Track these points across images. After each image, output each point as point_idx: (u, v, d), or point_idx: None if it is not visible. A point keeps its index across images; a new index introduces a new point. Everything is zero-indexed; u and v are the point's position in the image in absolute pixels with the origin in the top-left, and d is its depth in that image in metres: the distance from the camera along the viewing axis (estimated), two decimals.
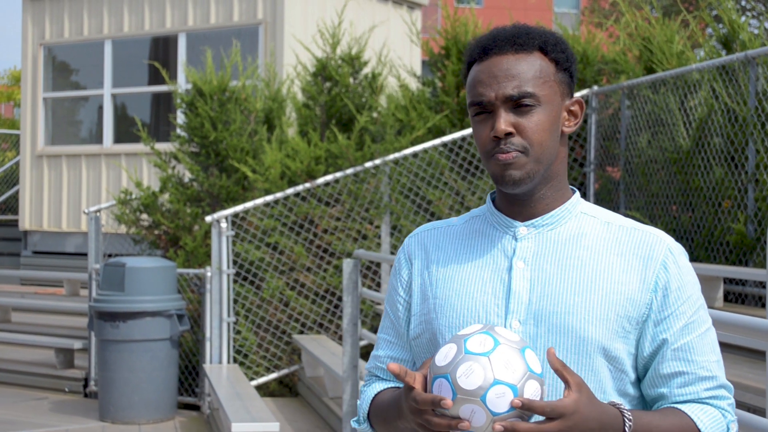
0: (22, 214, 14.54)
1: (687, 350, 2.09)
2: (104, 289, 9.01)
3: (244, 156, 10.17)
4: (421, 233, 2.27)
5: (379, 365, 2.28)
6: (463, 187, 9.72)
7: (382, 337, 2.29)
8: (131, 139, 13.47)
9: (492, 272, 2.12)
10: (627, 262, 2.09)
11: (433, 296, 2.16)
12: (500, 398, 1.83)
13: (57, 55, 14.59)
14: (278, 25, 12.43)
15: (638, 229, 2.14)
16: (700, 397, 2.11)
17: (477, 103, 2.08)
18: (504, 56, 2.08)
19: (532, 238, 2.13)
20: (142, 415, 8.92)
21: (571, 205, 2.15)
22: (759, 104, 7.53)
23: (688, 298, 2.10)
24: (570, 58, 2.15)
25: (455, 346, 1.89)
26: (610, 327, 2.05)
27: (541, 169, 2.08)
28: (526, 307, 2.07)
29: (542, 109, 2.06)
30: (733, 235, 7.71)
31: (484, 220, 2.21)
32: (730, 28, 8.76)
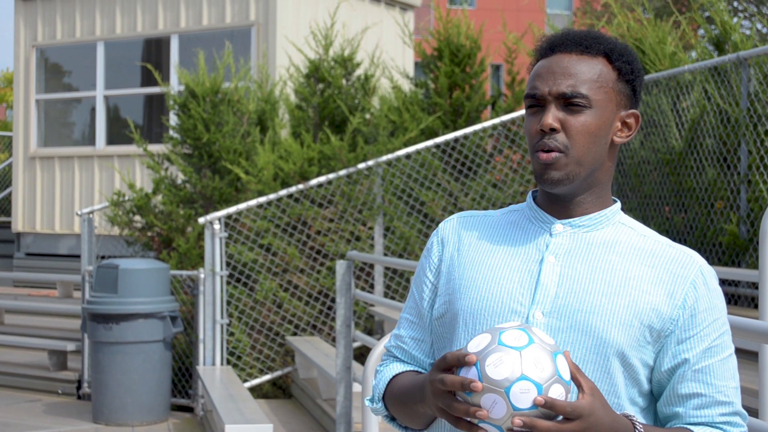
0: (15, 216, 14.52)
1: (707, 373, 2.09)
2: (97, 291, 9.00)
3: (236, 157, 10.17)
4: (457, 218, 2.28)
5: (400, 345, 2.28)
6: (456, 188, 9.73)
7: (405, 317, 2.29)
8: (124, 140, 13.46)
9: (522, 262, 2.14)
10: (657, 275, 2.10)
11: (459, 277, 2.17)
12: (524, 394, 1.83)
13: (49, 56, 14.58)
14: (270, 26, 12.43)
15: (673, 246, 2.15)
16: (714, 422, 2.11)
17: (531, 95, 2.11)
18: (567, 55, 2.11)
19: (567, 236, 2.14)
20: (135, 417, 8.92)
21: (610, 212, 2.17)
22: (751, 105, 7.54)
23: (714, 321, 2.10)
24: (636, 71, 2.15)
25: (490, 336, 1.90)
26: (631, 334, 2.05)
27: (583, 172, 2.09)
28: (552, 300, 2.08)
29: (592, 112, 2.08)
30: (725, 236, 7.72)
31: (522, 214, 2.23)
32: (722, 30, 8.78)
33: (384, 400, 2.23)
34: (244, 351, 9.44)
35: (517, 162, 9.98)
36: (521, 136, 9.93)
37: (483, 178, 9.85)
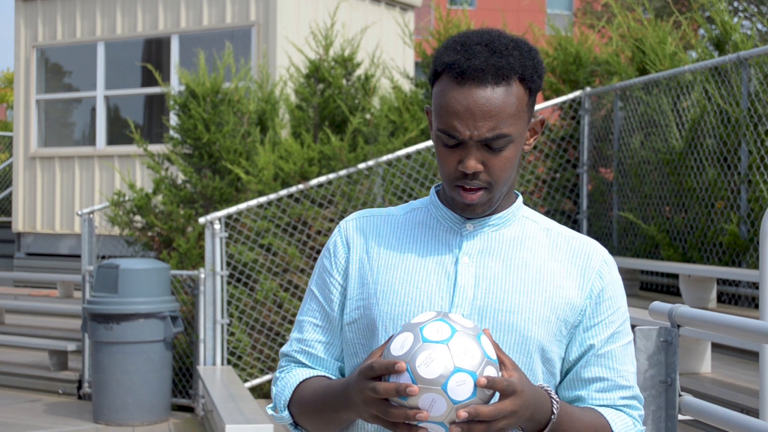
0: (16, 216, 14.52)
1: (610, 358, 2.14)
2: (98, 291, 9.00)
3: (237, 157, 10.17)
4: (359, 218, 2.24)
5: (305, 349, 2.21)
6: None
7: (307, 320, 2.22)
8: (124, 140, 13.46)
9: (437, 264, 2.13)
10: (566, 269, 2.14)
11: (374, 282, 2.14)
12: (461, 386, 1.82)
13: (50, 57, 14.58)
14: (271, 26, 12.43)
15: (576, 238, 2.20)
16: (615, 404, 2.15)
17: (450, 135, 2.04)
18: (482, 89, 2.01)
19: (477, 236, 2.15)
20: (135, 417, 8.92)
21: (515, 208, 2.18)
22: (751, 105, 7.54)
23: (618, 308, 2.16)
24: (542, 76, 2.12)
25: (411, 334, 1.86)
26: (550, 329, 2.09)
27: (501, 197, 2.11)
28: (470, 302, 2.09)
29: (513, 146, 2.06)
30: (726, 236, 7.72)
31: (427, 213, 2.21)
32: (722, 30, 8.78)
33: (290, 407, 2.18)
34: (244, 351, 9.44)
35: None
36: None
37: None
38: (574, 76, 10.23)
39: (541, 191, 10.05)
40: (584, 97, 9.85)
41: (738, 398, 5.56)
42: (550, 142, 10.04)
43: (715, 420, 3.37)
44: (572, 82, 10.26)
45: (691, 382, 5.89)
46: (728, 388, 5.75)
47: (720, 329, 3.38)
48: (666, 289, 8.90)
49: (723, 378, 6.02)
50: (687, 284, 7.49)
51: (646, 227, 8.66)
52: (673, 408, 3.27)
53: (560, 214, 10.07)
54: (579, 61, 10.25)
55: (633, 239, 9.10)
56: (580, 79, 10.20)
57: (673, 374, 3.26)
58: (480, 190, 2.06)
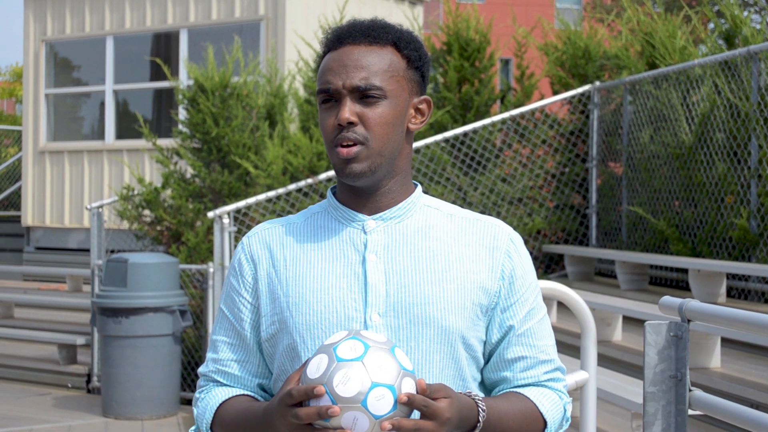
0: (25, 210, 14.55)
1: (529, 335, 2.16)
2: (107, 285, 9.02)
3: (246, 152, 10.17)
4: (261, 232, 2.23)
5: (221, 369, 2.21)
6: (465, 182, 9.73)
7: (221, 339, 2.22)
8: (133, 135, 13.48)
9: (345, 266, 2.12)
10: (475, 252, 2.14)
11: (285, 295, 2.13)
12: (380, 401, 1.83)
13: (59, 51, 14.59)
14: (279, 20, 12.43)
15: (480, 220, 2.19)
16: (540, 380, 2.18)
17: (324, 90, 2.10)
18: (356, 47, 2.10)
19: (381, 231, 2.14)
20: (144, 411, 8.93)
21: (415, 197, 2.18)
22: (761, 99, 7.52)
23: (530, 285, 2.17)
24: (423, 57, 2.17)
25: (326, 355, 1.87)
26: (467, 315, 2.10)
27: (383, 162, 2.10)
28: (384, 300, 2.08)
29: (387, 103, 2.09)
30: (735, 231, 7.70)
31: (327, 215, 2.20)
32: (732, 24, 8.76)
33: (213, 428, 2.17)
34: None
35: (526, 156, 9.97)
36: (530, 131, 9.91)
37: (492, 172, 9.84)
38: (584, 70, 10.21)
39: (551, 186, 10.04)
40: (593, 92, 9.83)
41: (748, 393, 5.55)
42: (560, 136, 10.02)
43: (725, 415, 3.36)
44: (581, 77, 10.23)
45: (701, 377, 5.88)
46: (738, 383, 5.74)
47: (730, 324, 3.37)
48: (675, 284, 8.88)
49: (733, 373, 6.01)
50: (696, 279, 7.48)
51: (656, 222, 8.64)
52: (683, 403, 3.26)
53: (569, 208, 10.05)
54: (588, 55, 10.23)
55: (642, 234, 9.08)
56: (589, 73, 10.18)
57: (683, 369, 3.25)
58: (356, 145, 2.07)
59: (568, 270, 9.59)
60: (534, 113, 9.99)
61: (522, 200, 9.88)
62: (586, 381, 4.38)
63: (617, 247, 9.51)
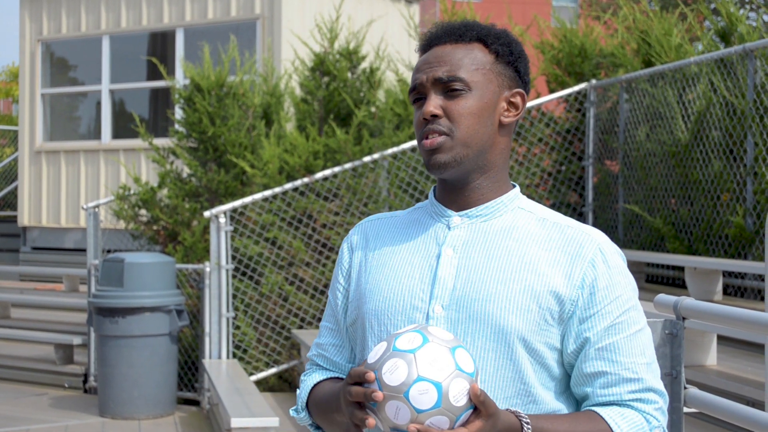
0: (21, 210, 14.53)
1: (611, 350, 2.07)
2: (103, 285, 9.01)
3: (242, 151, 10.16)
4: (365, 223, 2.29)
5: (321, 353, 2.30)
6: None
7: (324, 325, 2.31)
8: (129, 134, 13.47)
9: (422, 258, 2.14)
10: (554, 257, 2.09)
11: (366, 281, 2.18)
12: (423, 395, 1.83)
13: (55, 51, 14.58)
14: (276, 20, 12.42)
15: (572, 227, 2.14)
16: (623, 399, 2.08)
17: (412, 88, 2.14)
18: (443, 46, 2.14)
19: (464, 228, 2.14)
20: (141, 411, 8.93)
21: (508, 198, 2.17)
22: (757, 97, 7.52)
23: (616, 298, 2.09)
24: (515, 52, 2.18)
25: (386, 343, 1.90)
26: (531, 318, 2.05)
27: (470, 154, 2.10)
28: (450, 293, 2.08)
29: (472, 95, 2.10)
30: (731, 229, 7.71)
31: (424, 211, 2.23)
32: (728, 21, 8.76)
33: (309, 409, 2.24)
34: (250, 344, 9.45)
35: (522, 155, 9.97)
36: (527, 129, 9.91)
37: None
38: (580, 68, 10.21)
39: (547, 184, 10.04)
40: (590, 90, 9.83)
41: (744, 390, 5.56)
42: (556, 134, 10.03)
43: (721, 412, 3.36)
44: (578, 75, 10.23)
45: (697, 375, 5.88)
46: (734, 380, 5.74)
47: (726, 322, 3.37)
48: (671, 281, 8.88)
49: (728, 370, 6.01)
50: (692, 277, 7.48)
51: (652, 220, 8.65)
52: (678, 400, 3.26)
53: (566, 206, 10.05)
54: (584, 53, 10.23)
55: (639, 232, 9.08)
56: (585, 71, 10.18)
57: (679, 367, 3.25)
58: (440, 136, 2.08)
59: None
60: (530, 111, 9.98)
61: None
62: None
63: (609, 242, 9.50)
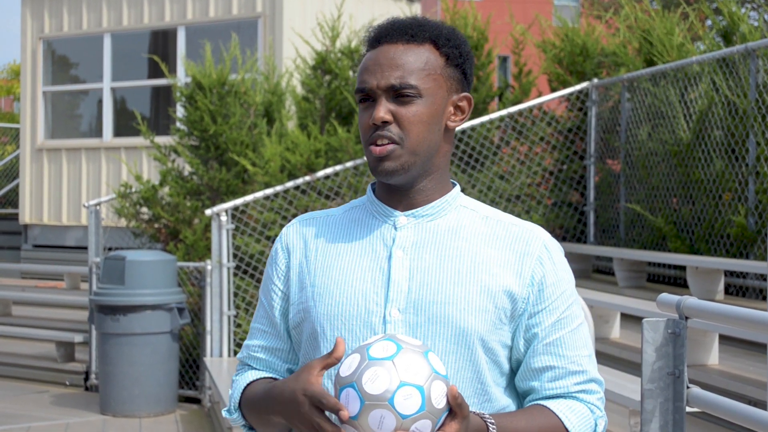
0: (23, 208, 14.53)
1: (558, 345, 2.12)
2: (104, 283, 9.01)
3: (243, 149, 10.16)
4: (299, 222, 2.26)
5: (252, 354, 2.26)
6: (463, 179, 9.72)
7: (255, 326, 2.28)
8: (131, 132, 13.47)
9: (371, 261, 2.13)
10: (504, 257, 2.11)
11: (311, 284, 2.16)
12: (408, 400, 1.83)
13: (56, 48, 14.58)
14: (277, 18, 12.42)
15: (516, 225, 2.16)
16: (570, 392, 2.13)
17: (361, 90, 2.10)
18: (394, 46, 2.10)
19: (411, 228, 2.13)
20: (142, 409, 8.93)
21: (451, 197, 2.17)
22: (759, 96, 7.52)
23: (562, 293, 2.13)
24: (464, 54, 2.15)
25: (358, 355, 1.89)
26: (488, 318, 2.07)
27: (418, 161, 2.09)
28: (405, 296, 2.08)
29: (423, 102, 2.08)
30: (733, 228, 7.70)
31: (364, 210, 2.21)
32: (729, 21, 8.75)
33: (241, 409, 2.22)
34: None
35: (524, 153, 9.97)
36: (528, 128, 9.91)
37: (490, 169, 9.84)
38: (581, 67, 10.21)
39: (548, 183, 10.04)
40: (591, 89, 9.83)
41: (746, 390, 5.56)
42: (557, 133, 10.02)
43: (723, 412, 3.36)
44: (579, 74, 10.23)
45: (699, 374, 5.88)
46: (736, 380, 5.74)
47: (728, 321, 3.37)
48: (673, 281, 8.88)
49: (730, 370, 6.01)
50: (694, 276, 7.48)
51: (654, 219, 8.64)
52: (680, 400, 3.27)
53: (567, 205, 10.05)
54: (586, 52, 10.23)
55: (640, 231, 9.08)
56: (587, 70, 10.17)
57: (681, 366, 3.25)
58: (390, 144, 2.06)
59: None
60: (532, 110, 9.98)
61: (520, 197, 9.88)
62: None
63: (615, 245, 9.51)
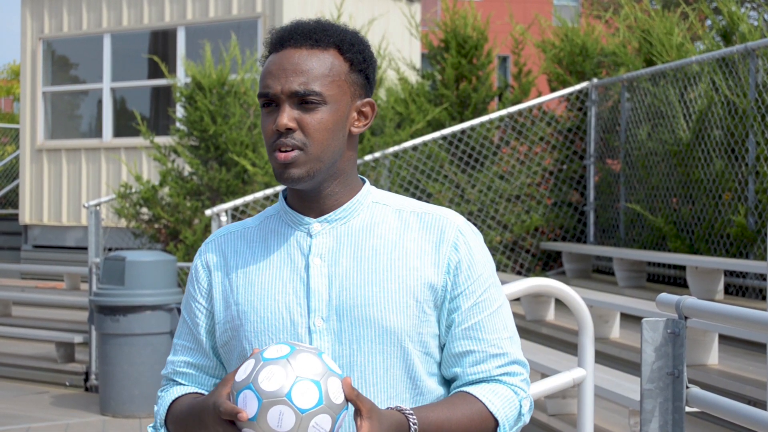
0: (22, 209, 14.53)
1: (477, 329, 2.10)
2: (104, 283, 9.01)
3: (243, 149, 10.16)
4: (217, 239, 2.24)
5: (177, 370, 2.24)
6: (462, 179, 9.72)
7: (179, 343, 2.25)
8: (131, 132, 13.46)
9: (291, 271, 2.11)
10: (420, 248, 2.10)
11: (236, 302, 2.14)
12: (305, 394, 1.84)
13: (56, 49, 14.58)
14: (277, 18, 12.42)
15: (429, 213, 2.14)
16: (492, 375, 2.12)
17: (264, 94, 2.08)
18: (298, 50, 2.07)
19: (326, 234, 2.12)
20: (142, 409, 8.93)
21: (361, 196, 2.15)
22: (759, 96, 7.52)
23: (478, 277, 2.11)
24: (367, 59, 2.14)
25: (253, 360, 1.90)
26: (411, 314, 2.06)
27: (323, 167, 2.07)
28: (327, 304, 2.07)
29: (327, 108, 2.06)
30: (733, 228, 7.70)
31: (278, 219, 2.19)
32: (729, 20, 8.75)
33: (167, 425, 2.20)
34: None
35: (524, 154, 9.97)
36: (528, 128, 9.91)
37: (490, 169, 9.84)
38: (581, 67, 10.21)
39: (548, 183, 10.04)
40: (591, 89, 9.83)
41: (745, 390, 5.55)
42: (557, 133, 10.02)
43: (723, 412, 3.36)
44: (579, 74, 10.23)
45: (699, 374, 5.88)
46: (735, 379, 5.74)
47: (727, 321, 3.37)
48: (673, 280, 8.88)
49: (730, 370, 6.01)
50: (694, 276, 7.48)
51: (654, 219, 8.64)
52: (680, 400, 3.26)
53: (567, 205, 10.05)
54: (586, 52, 10.23)
55: (640, 231, 9.08)
56: (586, 70, 10.17)
57: (681, 366, 3.25)
58: (294, 150, 2.05)
59: (565, 267, 9.59)
60: (531, 110, 9.98)
61: (520, 197, 9.88)
62: (584, 378, 4.38)
63: (615, 244, 9.51)
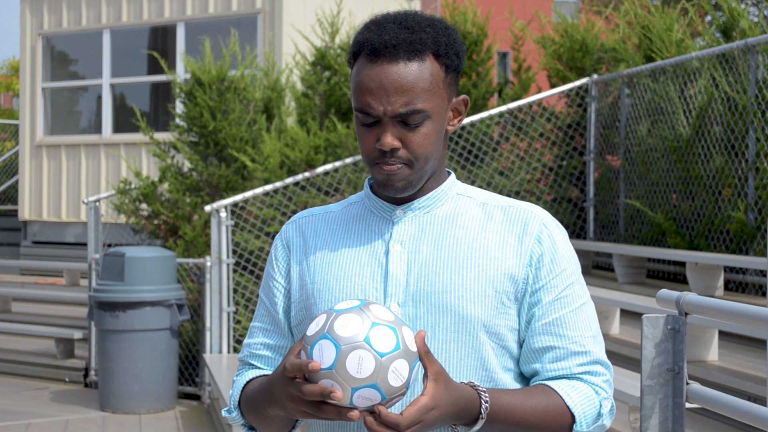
0: (22, 204, 14.53)
1: (558, 324, 2.08)
2: (104, 279, 9.01)
3: (243, 145, 10.15)
4: (299, 220, 2.25)
5: (253, 352, 2.24)
6: (462, 175, 9.72)
7: (256, 325, 2.25)
8: (130, 128, 13.46)
9: (369, 256, 2.12)
10: (503, 239, 2.09)
11: (312, 282, 2.15)
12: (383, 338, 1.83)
13: (55, 45, 14.57)
14: (277, 14, 12.41)
15: (513, 206, 2.14)
16: (573, 373, 2.09)
17: (365, 113, 2.04)
18: (395, 64, 2.01)
19: (408, 221, 2.13)
20: (142, 405, 8.93)
21: (446, 187, 2.15)
22: (759, 92, 7.52)
23: (561, 272, 2.09)
24: (460, 55, 2.10)
25: (324, 314, 1.89)
26: (489, 304, 2.05)
27: (425, 175, 2.08)
28: (404, 290, 2.07)
29: (430, 122, 2.04)
30: (733, 224, 7.70)
31: (362, 205, 2.20)
32: (729, 16, 8.74)
33: (241, 408, 2.20)
34: None
35: (523, 150, 9.96)
36: (528, 124, 9.90)
37: (490, 165, 9.83)
38: (581, 63, 10.20)
39: (548, 179, 10.03)
40: (591, 85, 9.82)
41: (745, 386, 5.55)
42: (557, 129, 10.02)
43: (723, 408, 3.36)
44: (579, 70, 10.22)
45: (699, 370, 5.88)
46: (735, 376, 5.74)
47: (727, 317, 3.37)
48: (673, 277, 8.88)
49: (730, 366, 6.01)
50: (694, 272, 7.48)
51: (653, 215, 8.64)
52: (680, 396, 3.26)
53: (567, 201, 10.05)
54: (585, 48, 10.22)
55: (640, 227, 9.08)
56: (586, 66, 10.17)
57: (681, 362, 3.24)
58: (399, 164, 2.04)
59: None
60: (531, 106, 9.98)
61: (519, 193, 9.87)
62: None
63: (615, 241, 9.50)
